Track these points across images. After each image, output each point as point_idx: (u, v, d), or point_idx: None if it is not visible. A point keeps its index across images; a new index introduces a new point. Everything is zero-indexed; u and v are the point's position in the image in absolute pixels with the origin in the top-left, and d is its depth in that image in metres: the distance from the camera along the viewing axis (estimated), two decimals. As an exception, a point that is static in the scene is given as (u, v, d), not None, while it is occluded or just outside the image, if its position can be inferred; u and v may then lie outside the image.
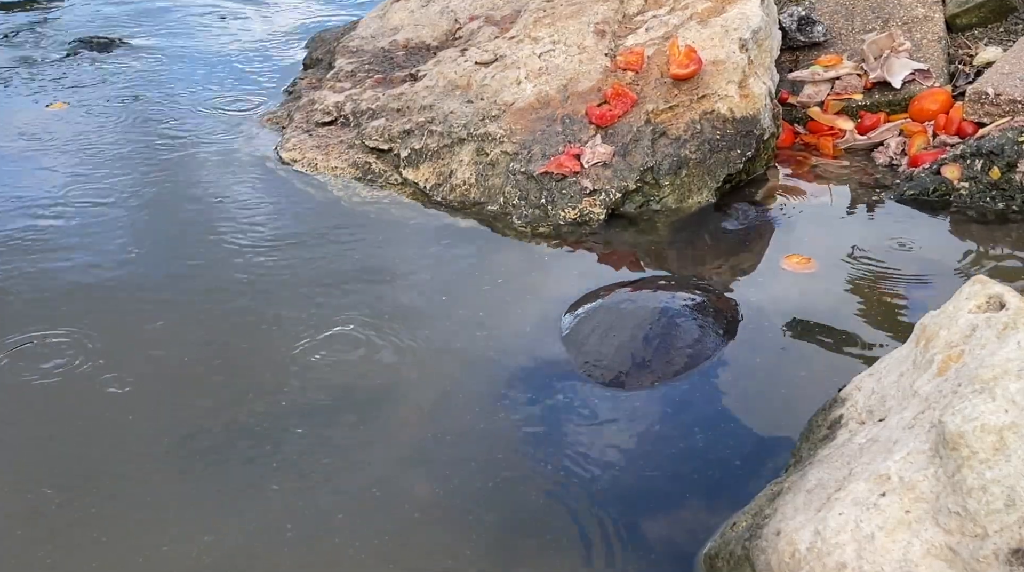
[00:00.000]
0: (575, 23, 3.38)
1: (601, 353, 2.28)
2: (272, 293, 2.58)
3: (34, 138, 3.51)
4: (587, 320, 2.40)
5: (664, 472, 1.99)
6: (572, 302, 2.50)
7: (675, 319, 2.35)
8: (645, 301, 2.44)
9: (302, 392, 2.22)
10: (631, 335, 2.31)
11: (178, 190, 3.12)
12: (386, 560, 1.80)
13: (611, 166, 2.96)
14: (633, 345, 2.28)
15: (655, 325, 2.32)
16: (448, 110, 3.24)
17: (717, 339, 2.32)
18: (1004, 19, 3.67)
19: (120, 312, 2.52)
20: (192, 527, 1.87)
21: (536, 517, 1.89)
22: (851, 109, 3.41)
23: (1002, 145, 2.86)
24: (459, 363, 2.31)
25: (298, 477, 1.99)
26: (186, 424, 2.13)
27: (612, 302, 2.46)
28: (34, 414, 2.17)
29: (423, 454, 2.04)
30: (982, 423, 1.31)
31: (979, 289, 1.60)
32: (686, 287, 2.52)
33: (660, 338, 2.30)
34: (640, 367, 2.24)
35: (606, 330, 2.34)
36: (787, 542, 1.46)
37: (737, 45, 3.10)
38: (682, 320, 2.35)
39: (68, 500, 1.94)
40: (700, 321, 2.36)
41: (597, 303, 2.46)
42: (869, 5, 3.71)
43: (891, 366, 1.70)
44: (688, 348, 2.29)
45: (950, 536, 1.31)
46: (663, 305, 2.40)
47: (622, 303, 2.45)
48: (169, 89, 3.94)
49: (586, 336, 2.34)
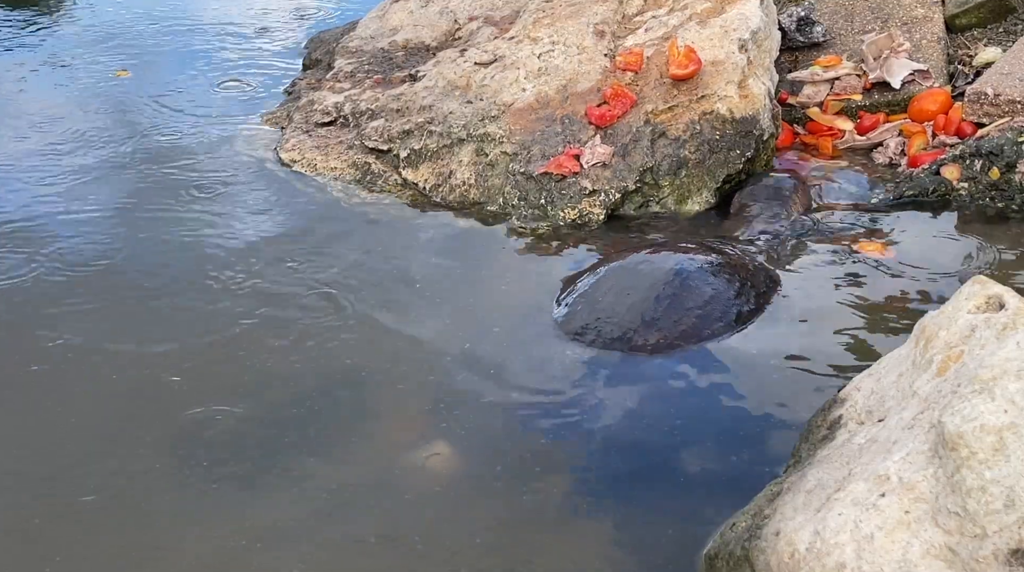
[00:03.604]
0: (574, 23, 3.38)
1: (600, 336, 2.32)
2: (272, 293, 2.58)
3: (36, 133, 3.52)
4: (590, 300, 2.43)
5: (664, 471, 1.99)
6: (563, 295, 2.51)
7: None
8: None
9: (303, 389, 2.22)
10: (644, 297, 2.35)
11: (177, 190, 3.11)
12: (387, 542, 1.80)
13: (610, 166, 2.96)
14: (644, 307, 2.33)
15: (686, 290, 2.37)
16: (447, 110, 3.24)
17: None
18: (1003, 19, 3.67)
19: (113, 311, 2.52)
20: (197, 518, 1.87)
21: (535, 516, 1.89)
22: (850, 109, 3.41)
23: (1001, 145, 2.86)
24: (458, 359, 2.31)
25: (304, 464, 1.99)
26: (189, 415, 2.14)
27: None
28: (31, 401, 2.18)
29: (420, 452, 2.04)
30: (981, 423, 1.31)
31: (978, 289, 1.60)
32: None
33: (704, 305, 2.34)
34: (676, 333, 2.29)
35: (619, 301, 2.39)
36: (786, 542, 1.46)
37: (736, 45, 3.10)
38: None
39: (63, 491, 1.94)
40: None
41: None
42: (868, 6, 3.71)
43: (890, 366, 1.70)
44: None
45: (949, 536, 1.31)
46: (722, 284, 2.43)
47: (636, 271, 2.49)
48: (168, 89, 3.93)
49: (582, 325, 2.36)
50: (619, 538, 1.83)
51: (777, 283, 2.52)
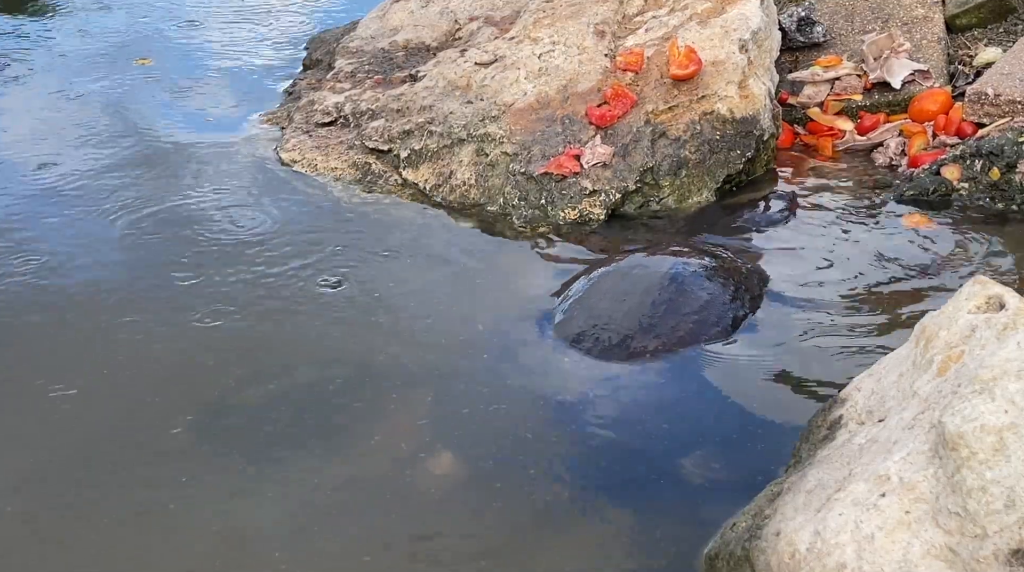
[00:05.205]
0: (575, 24, 3.38)
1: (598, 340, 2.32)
2: (271, 293, 2.57)
3: (36, 130, 3.53)
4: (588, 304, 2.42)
5: (665, 472, 1.99)
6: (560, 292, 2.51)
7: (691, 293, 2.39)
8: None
9: (300, 391, 2.22)
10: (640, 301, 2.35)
11: (177, 190, 3.11)
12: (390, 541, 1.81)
13: (611, 167, 2.96)
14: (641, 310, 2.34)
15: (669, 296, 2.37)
16: (448, 111, 3.24)
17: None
18: (1004, 20, 3.67)
19: (115, 313, 2.52)
20: (203, 512, 1.88)
21: (535, 517, 1.89)
22: (851, 110, 3.41)
23: (1002, 146, 2.86)
24: (458, 360, 2.32)
25: (310, 458, 1.99)
26: (196, 409, 2.16)
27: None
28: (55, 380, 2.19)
29: (414, 452, 2.05)
30: (982, 424, 1.31)
31: (979, 290, 1.60)
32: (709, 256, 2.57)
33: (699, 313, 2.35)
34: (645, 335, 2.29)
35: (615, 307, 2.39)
36: (787, 543, 1.46)
37: (737, 46, 3.10)
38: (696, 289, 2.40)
39: (84, 479, 1.95)
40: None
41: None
42: (869, 6, 3.71)
43: (891, 366, 1.70)
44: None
45: (950, 536, 1.31)
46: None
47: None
48: (167, 89, 3.93)
49: (581, 329, 2.36)
50: (620, 538, 1.83)
51: (768, 283, 2.52)
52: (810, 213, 2.92)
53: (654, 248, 2.69)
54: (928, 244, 2.71)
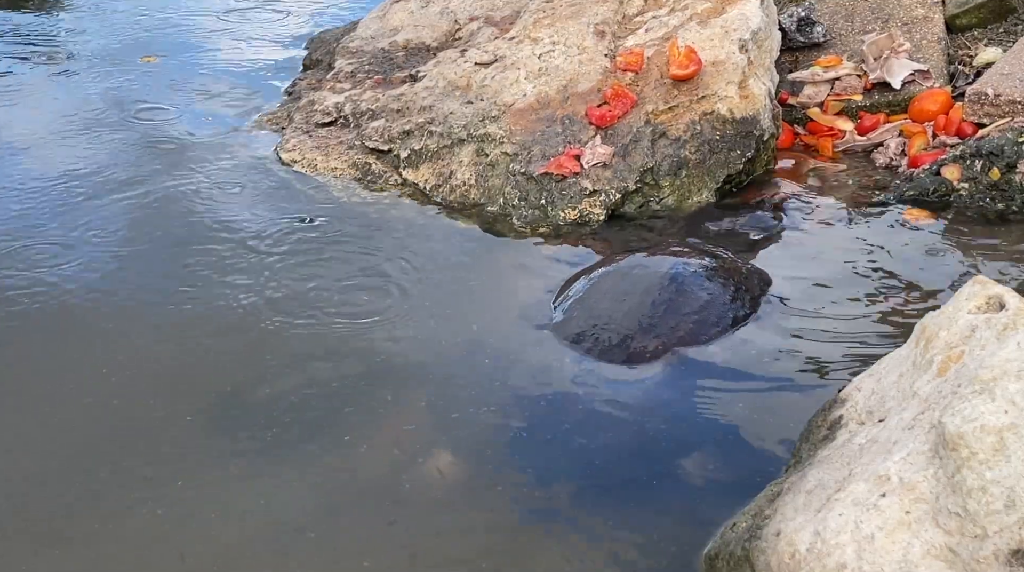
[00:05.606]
0: (575, 24, 3.38)
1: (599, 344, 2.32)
2: (269, 292, 2.57)
3: (37, 129, 3.53)
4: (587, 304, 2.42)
5: (665, 473, 1.99)
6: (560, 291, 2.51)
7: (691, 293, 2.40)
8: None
9: (297, 392, 2.22)
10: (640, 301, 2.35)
11: (177, 189, 3.11)
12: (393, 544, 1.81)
13: (611, 167, 2.96)
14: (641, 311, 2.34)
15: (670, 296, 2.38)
16: (448, 111, 3.24)
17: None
18: (1004, 20, 3.67)
19: (117, 312, 2.52)
20: (202, 512, 1.88)
21: (535, 518, 1.89)
22: (851, 110, 3.41)
23: (1002, 146, 2.86)
24: (459, 361, 2.31)
25: (314, 457, 1.99)
26: (196, 410, 2.16)
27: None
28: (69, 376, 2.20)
29: (413, 452, 2.05)
30: (982, 424, 1.31)
31: (979, 290, 1.60)
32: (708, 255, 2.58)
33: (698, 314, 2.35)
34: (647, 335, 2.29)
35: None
36: (787, 543, 1.46)
37: (737, 46, 3.10)
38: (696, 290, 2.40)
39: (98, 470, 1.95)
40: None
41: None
42: (869, 6, 3.71)
43: (891, 367, 1.70)
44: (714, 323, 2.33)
45: (950, 537, 1.31)
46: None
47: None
48: (168, 89, 3.93)
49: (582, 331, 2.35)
50: (620, 538, 1.83)
51: (770, 285, 2.52)
52: (810, 213, 2.92)
53: (654, 248, 2.68)
54: (928, 244, 2.72)
